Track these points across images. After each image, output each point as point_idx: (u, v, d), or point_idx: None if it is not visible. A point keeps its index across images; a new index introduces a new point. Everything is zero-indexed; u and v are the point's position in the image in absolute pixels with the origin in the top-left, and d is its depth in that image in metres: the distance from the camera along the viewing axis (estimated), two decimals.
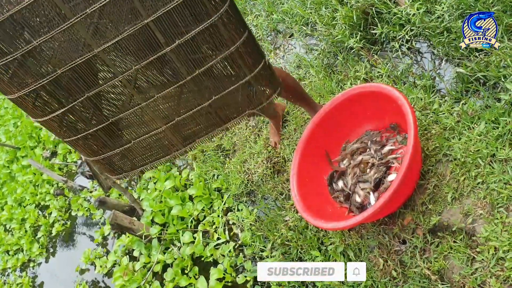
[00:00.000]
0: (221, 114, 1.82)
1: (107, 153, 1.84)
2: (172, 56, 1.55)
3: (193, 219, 3.46)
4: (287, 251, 2.67)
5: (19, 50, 1.45)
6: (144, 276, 3.49)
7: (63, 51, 1.51)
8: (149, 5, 1.42)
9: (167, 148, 1.91)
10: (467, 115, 2.15)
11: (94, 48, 1.48)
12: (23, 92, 1.56)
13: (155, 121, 1.76)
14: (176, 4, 1.42)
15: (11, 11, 1.36)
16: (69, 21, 1.41)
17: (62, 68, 1.52)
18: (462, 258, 1.89)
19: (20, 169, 6.27)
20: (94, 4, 1.38)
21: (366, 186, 2.27)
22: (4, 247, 5.51)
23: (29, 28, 1.43)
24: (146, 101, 1.67)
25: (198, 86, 1.68)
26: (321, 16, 3.20)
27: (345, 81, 2.87)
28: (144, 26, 1.45)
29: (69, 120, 1.70)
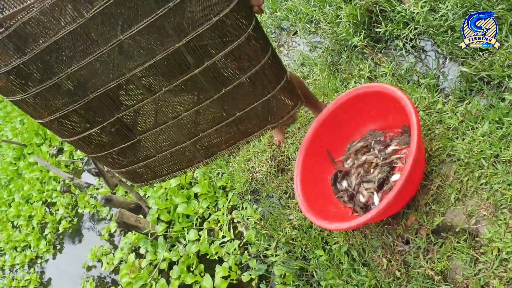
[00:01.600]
0: (243, 129, 1.85)
1: (133, 165, 1.89)
2: (200, 77, 1.58)
3: (198, 217, 3.48)
4: (292, 250, 2.68)
5: (54, 78, 1.47)
6: (150, 273, 3.52)
7: (96, 76, 1.53)
8: (181, 30, 1.44)
9: (189, 159, 1.96)
10: (471, 115, 2.15)
11: (126, 72, 1.50)
12: (54, 117, 1.58)
13: (180, 137, 1.80)
14: (206, 27, 1.45)
15: (48, 42, 1.38)
16: (104, 48, 1.42)
17: (94, 93, 1.54)
18: (466, 259, 1.89)
19: (27, 166, 6.32)
20: (127, 32, 1.40)
21: (370, 186, 2.28)
22: (12, 243, 5.58)
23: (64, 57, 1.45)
24: (173, 120, 1.71)
25: (223, 103, 1.71)
26: (325, 14, 3.19)
27: (349, 80, 2.87)
28: (175, 49, 1.47)
29: (98, 139, 1.74)
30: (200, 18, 1.46)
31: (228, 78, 1.64)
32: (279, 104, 1.81)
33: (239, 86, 1.65)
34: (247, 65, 1.63)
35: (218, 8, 1.45)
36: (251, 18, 1.56)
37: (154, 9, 1.36)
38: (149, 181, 2.00)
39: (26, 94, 1.50)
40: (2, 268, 5.60)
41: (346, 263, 2.33)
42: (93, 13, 1.33)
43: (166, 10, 1.37)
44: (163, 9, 1.36)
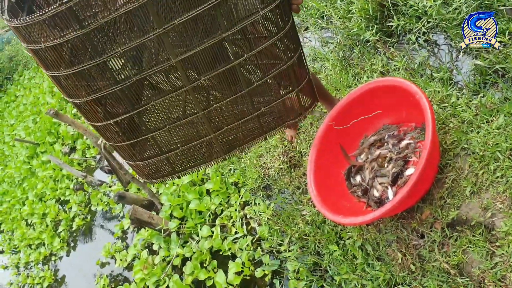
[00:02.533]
0: (264, 124, 1.88)
1: (154, 158, 1.88)
2: (237, 69, 1.60)
3: (211, 213, 3.49)
4: (305, 245, 2.68)
5: (103, 56, 1.45)
6: (164, 269, 3.54)
7: (143, 59, 1.53)
8: (229, 21, 1.47)
9: (208, 154, 1.96)
10: (485, 108, 2.13)
11: (172, 57, 1.50)
12: (92, 97, 1.56)
13: (206, 129, 1.80)
14: (251, 20, 1.48)
15: (106, 18, 1.36)
16: (157, 30, 1.42)
17: (137, 76, 1.53)
18: (482, 252, 1.88)
19: (40, 164, 6.38)
20: (181, 16, 1.40)
21: (384, 181, 2.27)
22: (26, 241, 5.63)
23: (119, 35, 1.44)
24: (203, 110, 1.71)
25: (251, 97, 1.74)
26: (336, 9, 3.19)
27: (361, 75, 2.86)
28: (220, 39, 1.49)
29: (127, 126, 1.72)
30: (247, 11, 1.50)
31: (260, 72, 1.68)
32: (299, 101, 1.85)
33: (269, 81, 1.69)
34: (279, 62, 1.67)
35: (265, 3, 1.48)
36: (289, 17, 1.61)
37: (199, 3, 1.38)
38: (165, 177, 2.00)
39: (73, 70, 1.46)
40: (17, 266, 5.66)
41: (360, 257, 2.33)
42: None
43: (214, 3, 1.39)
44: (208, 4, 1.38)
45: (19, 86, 9.44)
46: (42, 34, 1.38)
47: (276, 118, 1.88)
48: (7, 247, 6.05)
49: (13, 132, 7.93)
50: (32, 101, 7.98)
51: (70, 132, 6.20)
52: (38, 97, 7.81)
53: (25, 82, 9.27)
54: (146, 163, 1.89)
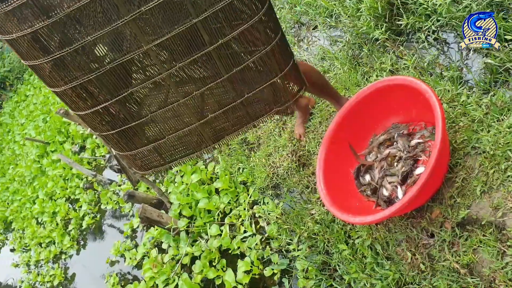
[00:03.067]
0: (250, 112, 1.86)
1: (140, 148, 1.89)
2: (214, 54, 1.60)
3: (220, 212, 3.50)
4: (314, 244, 2.69)
5: (74, 44, 1.48)
6: (173, 268, 3.55)
7: (114, 47, 1.55)
8: (199, 6, 1.47)
9: (197, 144, 1.96)
10: (496, 107, 2.11)
11: (143, 44, 1.52)
12: (69, 86, 1.60)
13: (189, 117, 1.80)
14: (222, 5, 1.48)
15: (72, 7, 1.40)
16: (124, 18, 1.44)
17: (111, 64, 1.56)
18: (492, 252, 1.87)
19: (50, 163, 6.43)
20: (149, 3, 1.42)
21: (393, 180, 2.26)
22: (37, 239, 5.69)
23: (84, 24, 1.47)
24: (184, 98, 1.72)
25: (233, 83, 1.73)
26: (345, 8, 3.18)
27: (370, 73, 2.85)
28: (192, 26, 1.50)
29: (109, 115, 1.74)
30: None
31: (239, 58, 1.67)
32: (285, 87, 1.83)
33: (249, 67, 1.68)
34: (258, 46, 1.66)
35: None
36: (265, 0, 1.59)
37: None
38: (157, 167, 2.00)
39: (45, 59, 1.51)
40: (28, 264, 5.72)
41: (370, 257, 2.33)
42: None
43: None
44: None
45: (29, 86, 9.51)
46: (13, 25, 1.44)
47: (263, 105, 1.87)
48: (18, 245, 6.11)
49: (24, 131, 8.00)
50: (42, 100, 8.04)
51: (80, 131, 6.24)
52: (48, 97, 7.87)
53: (35, 82, 9.34)
54: (134, 153, 1.90)
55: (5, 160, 8.17)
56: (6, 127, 9.22)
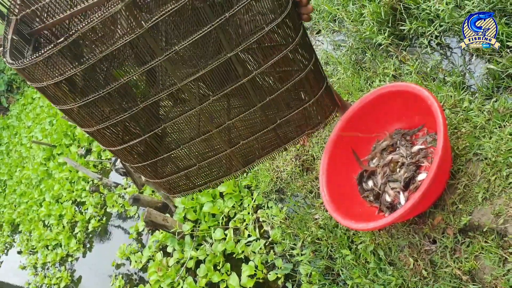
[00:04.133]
0: (281, 135, 1.85)
1: (172, 175, 1.88)
2: (247, 85, 1.58)
3: (224, 216, 3.52)
4: (317, 249, 2.70)
5: (106, 88, 1.46)
6: (178, 271, 3.58)
7: (148, 86, 1.53)
8: (232, 40, 1.44)
9: (227, 168, 1.96)
10: (498, 113, 2.12)
11: (177, 82, 1.50)
12: (101, 126, 1.58)
13: (221, 145, 1.80)
14: (257, 37, 1.45)
15: (104, 52, 1.37)
16: (159, 58, 1.41)
17: (145, 102, 1.54)
18: (494, 259, 1.88)
19: (57, 166, 6.47)
20: (183, 42, 1.39)
21: (396, 186, 2.27)
22: (43, 242, 5.72)
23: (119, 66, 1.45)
24: (217, 128, 1.71)
25: (266, 111, 1.72)
26: (348, 13, 3.19)
27: (373, 78, 2.86)
28: (227, 59, 1.47)
29: (141, 149, 1.73)
30: (252, 28, 1.47)
31: (273, 86, 1.64)
32: (317, 109, 1.81)
33: (282, 94, 1.65)
34: (292, 73, 1.63)
35: (270, 17, 1.44)
36: (299, 27, 1.56)
37: (210, 19, 1.36)
38: (187, 191, 2.00)
39: (77, 103, 1.49)
40: (35, 266, 5.76)
41: (372, 262, 2.34)
42: (152, 23, 1.32)
43: (223, 20, 1.37)
44: (219, 20, 1.36)
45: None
46: (43, 72, 1.40)
47: (295, 127, 1.86)
48: (25, 248, 6.15)
49: (30, 134, 8.05)
50: (49, 103, 8.07)
51: (86, 134, 6.27)
52: None
53: None
54: (164, 180, 1.89)
55: (12, 162, 8.23)
56: (13, 130, 9.28)
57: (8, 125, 9.80)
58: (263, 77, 1.61)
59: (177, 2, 1.29)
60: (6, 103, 10.76)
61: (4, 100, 10.74)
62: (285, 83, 1.65)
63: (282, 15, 1.43)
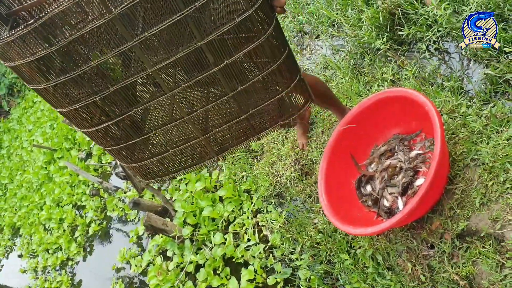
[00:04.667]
0: (254, 125, 1.87)
1: (145, 160, 1.91)
2: (219, 74, 1.61)
3: (224, 220, 3.53)
4: (316, 254, 2.70)
5: (77, 70, 1.50)
6: (178, 276, 3.58)
7: (119, 70, 1.57)
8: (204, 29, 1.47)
9: (201, 155, 1.98)
10: (495, 118, 2.13)
11: (147, 67, 1.54)
12: (73, 107, 1.62)
13: (194, 132, 1.82)
14: (228, 27, 1.48)
15: (74, 35, 1.41)
16: (128, 43, 1.45)
17: (115, 86, 1.57)
18: (491, 264, 1.89)
19: (57, 170, 6.49)
20: (152, 28, 1.43)
21: (394, 191, 2.28)
22: (44, 246, 5.74)
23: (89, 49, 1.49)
24: (188, 115, 1.74)
25: (238, 100, 1.74)
26: (347, 18, 3.20)
27: (372, 83, 2.87)
28: (197, 48, 1.50)
29: (113, 132, 1.77)
30: (223, 17, 1.49)
31: (245, 76, 1.67)
32: (290, 101, 1.84)
33: (255, 84, 1.68)
34: (265, 64, 1.66)
35: (242, 8, 1.47)
36: (272, 18, 1.59)
37: (180, 7, 1.39)
38: (161, 177, 2.03)
39: (48, 83, 1.53)
40: (35, 270, 5.77)
41: (371, 267, 2.34)
42: (121, 9, 1.36)
43: (192, 9, 1.40)
44: (189, 8, 1.39)
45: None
46: (15, 52, 1.45)
47: (268, 118, 1.88)
48: (25, 251, 6.17)
49: (31, 137, 8.07)
50: (49, 107, 8.09)
51: (86, 138, 6.29)
52: None
53: None
54: (139, 165, 1.92)
55: (13, 166, 8.25)
56: (14, 133, 9.30)
57: (9, 128, 9.83)
58: (235, 67, 1.63)
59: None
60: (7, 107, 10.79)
61: (5, 104, 10.77)
62: (257, 73, 1.67)
63: (253, 7, 1.46)
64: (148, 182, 2.10)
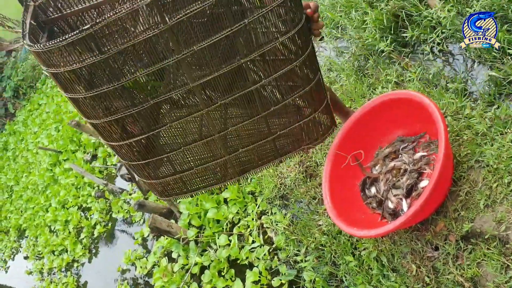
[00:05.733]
0: (279, 147, 1.87)
1: (168, 177, 1.89)
2: (255, 93, 1.61)
3: (228, 222, 3.54)
4: (321, 256, 2.71)
5: (121, 80, 1.48)
6: (183, 277, 3.59)
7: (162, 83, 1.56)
8: (248, 46, 1.48)
9: (222, 175, 1.97)
10: (499, 120, 2.13)
11: (190, 82, 1.52)
12: (109, 119, 1.58)
13: (220, 151, 1.81)
14: (270, 47, 1.48)
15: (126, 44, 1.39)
16: (176, 56, 1.44)
17: (155, 99, 1.55)
18: (496, 266, 1.89)
19: (63, 172, 6.51)
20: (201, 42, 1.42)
21: (398, 193, 2.28)
22: (50, 247, 5.76)
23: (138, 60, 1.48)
24: (219, 133, 1.72)
25: (269, 120, 1.74)
26: (351, 20, 3.21)
27: (376, 85, 2.88)
28: (240, 65, 1.50)
29: (142, 147, 1.74)
30: (266, 37, 1.50)
31: (278, 97, 1.67)
32: (316, 125, 1.84)
33: (286, 106, 1.69)
34: (298, 86, 1.67)
35: (285, 28, 1.48)
36: (309, 42, 1.61)
37: (230, 23, 1.40)
38: (177, 195, 2.01)
39: (90, 93, 1.49)
40: (41, 271, 5.79)
41: (376, 269, 2.35)
42: (175, 21, 1.34)
43: (242, 26, 1.40)
44: (239, 25, 1.40)
45: (42, 95, 9.62)
46: (62, 58, 1.41)
47: (292, 141, 1.88)
48: (31, 253, 6.19)
49: (37, 139, 8.10)
50: (55, 109, 8.14)
51: (92, 140, 6.31)
52: (61, 106, 7.97)
53: (48, 91, 9.45)
54: (159, 181, 1.91)
55: (19, 168, 8.28)
56: (20, 136, 9.34)
57: (14, 130, 9.86)
58: (270, 87, 1.64)
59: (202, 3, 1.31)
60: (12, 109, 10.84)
61: (11, 106, 10.81)
62: (289, 96, 1.68)
63: (295, 28, 1.47)
64: (163, 199, 2.08)
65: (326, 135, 1.91)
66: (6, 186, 8.37)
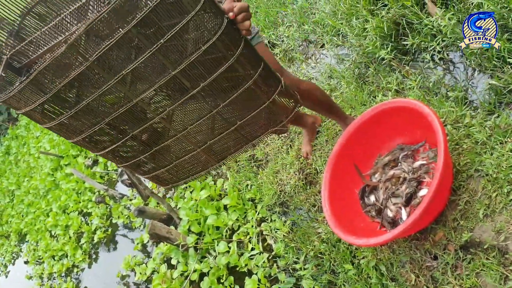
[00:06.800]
0: (246, 134, 1.97)
1: (155, 172, 2.08)
2: (199, 96, 1.70)
3: (228, 229, 3.53)
4: (320, 264, 2.70)
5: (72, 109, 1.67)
6: (182, 284, 3.58)
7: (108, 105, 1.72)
8: (174, 60, 1.58)
9: (204, 163, 2.10)
10: (499, 129, 2.12)
11: (132, 99, 1.68)
12: (81, 137, 1.80)
13: (190, 146, 1.95)
14: (196, 56, 1.57)
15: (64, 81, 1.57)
16: (109, 82, 1.59)
17: (109, 117, 1.72)
18: (495, 276, 1.87)
19: (64, 177, 6.52)
20: (128, 66, 1.56)
21: (397, 201, 2.27)
22: (50, 252, 5.76)
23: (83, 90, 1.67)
24: (181, 132, 1.87)
25: (223, 115, 1.84)
26: (352, 27, 3.20)
27: (376, 93, 2.87)
28: (172, 77, 1.62)
29: (121, 152, 1.93)
30: (191, 47, 1.59)
31: (224, 94, 1.76)
32: (277, 108, 1.90)
33: (235, 100, 1.77)
34: (240, 82, 1.74)
35: (207, 37, 1.55)
36: (239, 41, 1.65)
37: (154, 43, 1.50)
38: (174, 183, 2.17)
39: (52, 123, 1.72)
40: (41, 276, 5.79)
41: (374, 277, 2.34)
42: (95, 57, 1.50)
43: (159, 46, 1.50)
44: (163, 40, 1.49)
45: None
46: (19, 103, 1.66)
47: (258, 127, 1.98)
48: (31, 258, 6.20)
49: (39, 144, 8.13)
50: None
51: None
52: None
53: None
54: (151, 175, 2.07)
55: (20, 172, 8.30)
56: (22, 140, 9.37)
57: (17, 135, 9.90)
58: (212, 88, 1.73)
59: (117, 37, 1.47)
60: (15, 114, 10.87)
61: (13, 111, 10.84)
62: (235, 90, 1.76)
63: (215, 35, 1.55)
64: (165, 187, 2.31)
65: (291, 114, 1.96)
66: (7, 191, 8.39)
